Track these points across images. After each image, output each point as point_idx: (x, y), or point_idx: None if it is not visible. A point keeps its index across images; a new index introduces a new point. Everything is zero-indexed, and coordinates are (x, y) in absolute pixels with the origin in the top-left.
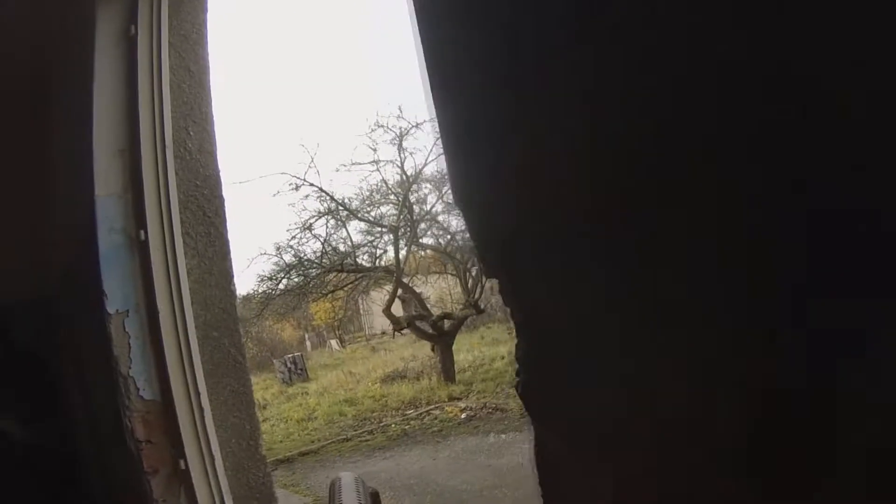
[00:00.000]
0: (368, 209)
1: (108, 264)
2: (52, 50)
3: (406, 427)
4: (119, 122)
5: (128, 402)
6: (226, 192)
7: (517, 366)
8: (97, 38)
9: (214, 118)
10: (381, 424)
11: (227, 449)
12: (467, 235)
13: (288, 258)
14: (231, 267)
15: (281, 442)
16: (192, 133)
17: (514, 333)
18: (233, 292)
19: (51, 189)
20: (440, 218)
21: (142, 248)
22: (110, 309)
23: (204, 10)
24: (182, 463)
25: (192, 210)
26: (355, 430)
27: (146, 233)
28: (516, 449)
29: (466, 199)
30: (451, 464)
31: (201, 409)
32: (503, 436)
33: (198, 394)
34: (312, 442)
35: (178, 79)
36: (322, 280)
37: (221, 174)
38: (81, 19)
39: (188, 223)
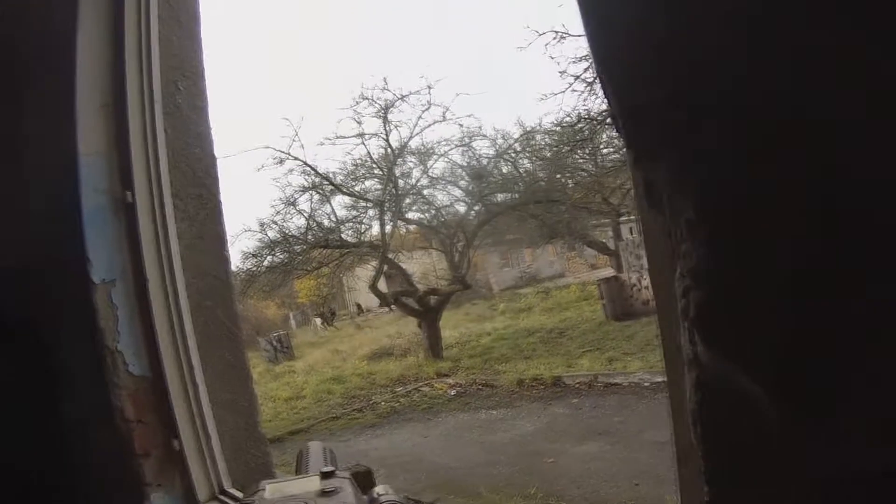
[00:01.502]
0: (353, 183)
1: (93, 229)
2: (36, 3)
3: (395, 404)
4: (104, 75)
5: (116, 380)
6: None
7: (689, 280)
8: None
9: (206, 73)
10: (370, 402)
11: (224, 427)
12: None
13: (272, 234)
14: (224, 231)
15: (270, 421)
16: (182, 88)
17: (677, 235)
18: (226, 258)
19: (35, 149)
20: (425, 192)
21: (128, 211)
22: (95, 278)
23: None
24: (176, 443)
25: (182, 170)
26: (344, 409)
27: (133, 194)
28: (508, 425)
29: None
30: (444, 441)
31: (195, 385)
32: (494, 412)
33: (191, 368)
34: (301, 421)
35: (168, 30)
36: (307, 257)
37: (213, 132)
38: None
39: (178, 184)
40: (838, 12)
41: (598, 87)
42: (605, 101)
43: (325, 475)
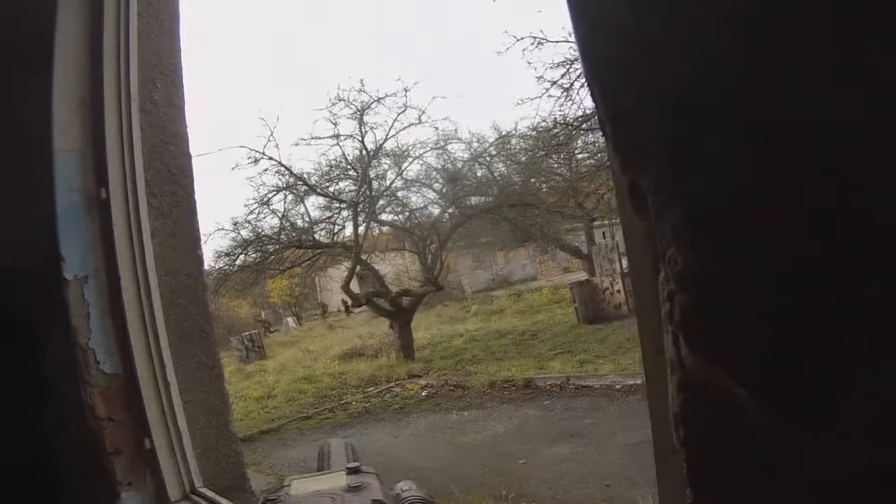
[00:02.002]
0: (327, 184)
1: (66, 225)
2: None
3: (367, 404)
4: (81, 72)
5: (87, 377)
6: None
7: (674, 284)
8: None
9: (184, 71)
10: (342, 402)
11: (196, 426)
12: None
13: (245, 234)
14: (198, 229)
15: (241, 420)
16: (159, 85)
17: (662, 240)
18: (200, 257)
19: (10, 146)
20: (399, 194)
21: (102, 208)
22: (67, 275)
23: None
24: (147, 442)
25: (157, 168)
26: (315, 408)
27: (107, 191)
28: (479, 426)
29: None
30: (415, 441)
31: (167, 384)
32: (465, 413)
33: (163, 367)
34: (273, 420)
35: (147, 27)
36: (280, 256)
37: (189, 130)
38: None
39: (153, 182)
40: (838, 12)
41: (574, 93)
42: (593, 104)
43: (352, 471)
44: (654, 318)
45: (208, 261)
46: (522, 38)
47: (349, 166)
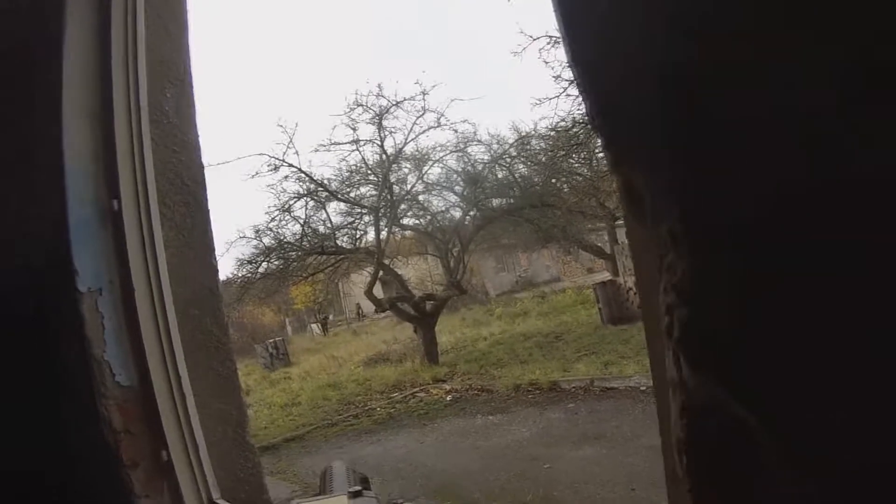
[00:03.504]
0: (348, 190)
1: (79, 238)
2: (22, 9)
3: (391, 410)
4: (90, 83)
5: (103, 389)
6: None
7: (673, 296)
8: None
9: (193, 80)
10: (366, 408)
11: (213, 438)
12: (450, 214)
13: (267, 241)
14: (212, 239)
15: (265, 428)
16: (168, 95)
17: (660, 247)
18: (214, 267)
19: (21, 158)
20: (420, 198)
21: (115, 220)
22: (81, 287)
23: None
24: (164, 454)
25: (170, 178)
26: (340, 415)
27: (119, 203)
28: (504, 430)
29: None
30: (439, 447)
31: (183, 396)
32: (490, 417)
33: (178, 378)
34: (297, 428)
35: (155, 37)
36: (302, 263)
37: (201, 139)
38: None
39: (165, 192)
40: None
41: None
42: (579, 93)
43: (353, 495)
44: (658, 331)
45: (231, 269)
46: (538, 38)
47: (369, 171)
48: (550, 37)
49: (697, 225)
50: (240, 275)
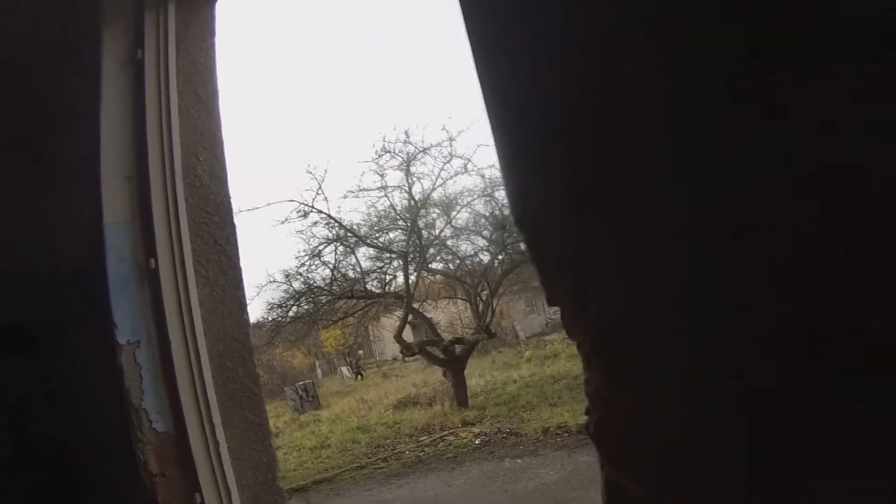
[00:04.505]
0: (377, 235)
1: (118, 294)
2: (57, 74)
3: (420, 454)
4: (127, 148)
5: (140, 435)
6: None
7: (587, 402)
8: (103, 63)
9: (224, 143)
10: (395, 451)
11: (244, 482)
12: (480, 259)
13: (297, 285)
14: (244, 296)
15: (294, 470)
16: (201, 159)
17: (582, 364)
18: (246, 321)
19: (62, 216)
20: (449, 242)
21: (151, 278)
22: (121, 339)
23: (212, 33)
24: (197, 497)
25: (203, 238)
26: (369, 458)
27: (156, 261)
28: (532, 474)
29: (527, 217)
30: (468, 490)
31: (216, 442)
32: (519, 461)
33: (212, 425)
34: (326, 470)
35: (187, 104)
36: (332, 307)
37: (232, 201)
38: (87, 43)
39: (199, 251)
40: None
41: None
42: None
43: None
44: None
45: (261, 312)
46: None
47: (398, 216)
48: None
49: (603, 349)
50: (270, 318)
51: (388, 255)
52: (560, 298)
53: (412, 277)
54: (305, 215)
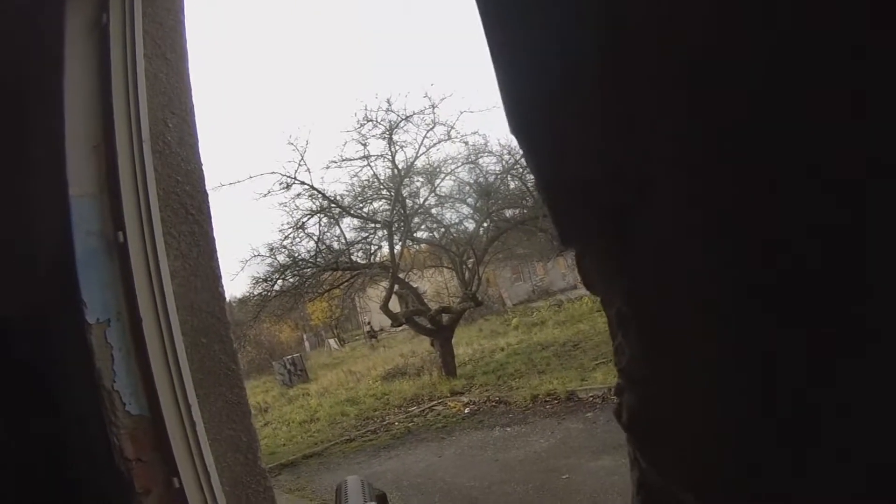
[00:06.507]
0: (361, 205)
1: (86, 270)
2: (22, 43)
3: (409, 425)
4: (93, 116)
5: (114, 419)
6: (213, 191)
7: (618, 381)
8: (67, 29)
9: (195, 109)
10: (384, 423)
11: (224, 463)
12: (463, 226)
13: (282, 259)
14: (218, 267)
15: (284, 445)
16: (170, 125)
17: (609, 329)
18: (221, 294)
19: (27, 192)
20: (433, 211)
21: (121, 251)
22: (90, 319)
23: None
24: (176, 481)
25: (174, 208)
26: (358, 430)
27: (125, 234)
28: (522, 442)
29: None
30: (458, 460)
31: (193, 423)
32: (508, 429)
33: (188, 406)
34: (316, 444)
35: (155, 68)
36: (317, 279)
37: (204, 168)
38: (51, 10)
39: (170, 222)
40: None
41: None
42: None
43: None
44: None
45: (247, 287)
46: None
47: (382, 186)
48: None
49: (645, 307)
50: (256, 293)
51: (372, 225)
52: (583, 235)
53: (397, 247)
54: (288, 187)
